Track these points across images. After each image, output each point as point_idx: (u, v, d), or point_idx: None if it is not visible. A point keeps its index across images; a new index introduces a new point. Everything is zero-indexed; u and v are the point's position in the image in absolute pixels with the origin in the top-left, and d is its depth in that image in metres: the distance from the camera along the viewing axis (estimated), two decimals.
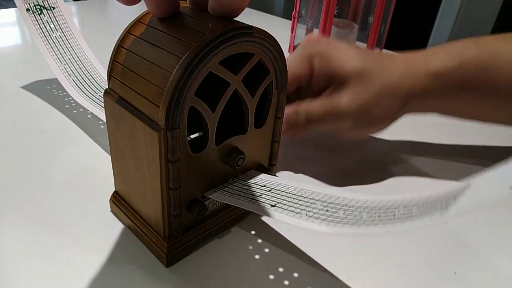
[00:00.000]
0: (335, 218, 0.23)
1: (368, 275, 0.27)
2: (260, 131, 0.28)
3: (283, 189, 0.26)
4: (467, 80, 0.34)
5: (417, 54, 0.36)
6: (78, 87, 0.44)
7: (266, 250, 0.28)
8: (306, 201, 0.25)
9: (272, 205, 0.24)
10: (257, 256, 0.28)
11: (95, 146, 0.39)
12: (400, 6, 0.59)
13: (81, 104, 0.42)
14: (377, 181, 0.37)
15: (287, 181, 0.27)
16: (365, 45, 0.54)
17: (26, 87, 0.49)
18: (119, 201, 0.30)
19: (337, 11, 0.50)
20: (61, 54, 0.45)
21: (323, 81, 0.35)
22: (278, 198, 0.25)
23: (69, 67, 0.45)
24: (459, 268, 0.28)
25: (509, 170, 0.18)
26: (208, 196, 0.26)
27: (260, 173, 0.29)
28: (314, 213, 0.23)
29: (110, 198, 0.30)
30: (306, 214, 0.23)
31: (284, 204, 0.24)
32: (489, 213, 0.34)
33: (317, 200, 0.25)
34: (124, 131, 0.25)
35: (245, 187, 0.27)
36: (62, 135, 0.40)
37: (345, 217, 0.23)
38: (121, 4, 0.22)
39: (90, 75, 0.46)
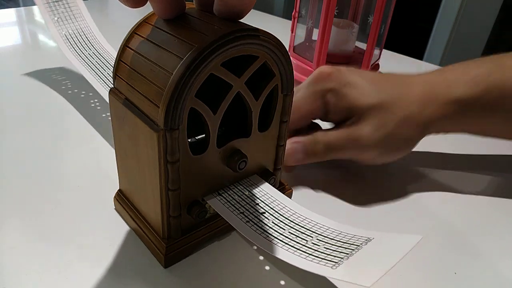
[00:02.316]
0: (263, 225, 0.24)
1: None
2: (264, 135, 0.28)
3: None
4: (490, 105, 0.33)
5: (437, 77, 0.35)
6: (70, 44, 0.45)
7: (265, 255, 0.28)
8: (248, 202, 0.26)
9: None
10: (255, 261, 0.28)
11: (104, 143, 0.39)
12: (400, 6, 0.59)
13: (89, 81, 0.43)
14: (377, 183, 0.37)
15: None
16: (365, 45, 0.54)
17: (26, 87, 0.50)
18: (122, 200, 0.30)
19: (337, 11, 0.50)
20: (57, 11, 0.47)
21: (339, 115, 0.34)
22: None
23: (64, 25, 0.46)
24: (459, 268, 0.28)
25: (400, 240, 0.21)
26: (207, 201, 0.26)
27: (263, 182, 0.28)
28: (258, 221, 0.25)
29: (114, 197, 0.31)
30: (244, 213, 0.25)
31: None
32: (489, 213, 0.34)
33: (267, 205, 0.26)
34: (127, 130, 0.25)
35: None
36: (68, 130, 0.41)
37: (272, 227, 0.24)
38: (126, 7, 0.22)
39: (86, 36, 0.47)
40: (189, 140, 0.29)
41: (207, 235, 0.28)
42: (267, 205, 0.26)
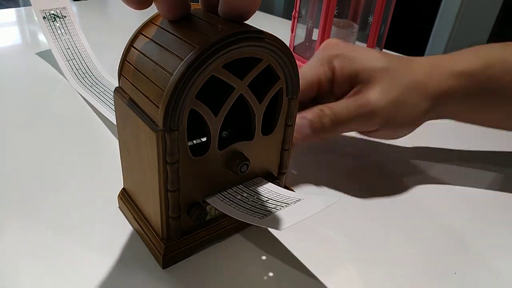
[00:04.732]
0: (237, 196, 0.27)
1: (369, 275, 0.27)
2: (268, 138, 0.27)
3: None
4: (492, 81, 0.34)
5: (442, 55, 0.35)
6: (79, 79, 0.51)
7: (265, 259, 0.28)
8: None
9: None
10: (256, 264, 0.28)
11: (111, 139, 0.39)
12: (400, 6, 0.58)
13: (83, 95, 0.47)
14: (377, 182, 0.37)
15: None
16: (365, 45, 0.54)
17: (26, 87, 0.49)
18: (126, 199, 0.30)
19: (337, 11, 0.50)
20: (68, 52, 0.54)
21: (346, 83, 0.34)
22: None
23: (73, 63, 0.53)
24: (459, 268, 0.28)
25: (320, 200, 0.25)
26: (207, 201, 0.26)
27: (266, 182, 0.28)
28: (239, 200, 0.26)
29: (118, 195, 0.31)
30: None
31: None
32: (489, 213, 0.34)
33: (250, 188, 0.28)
34: (129, 129, 0.25)
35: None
36: (71, 126, 0.41)
37: (244, 199, 0.26)
38: (130, 8, 0.22)
39: (90, 71, 0.52)
40: (193, 142, 0.29)
41: (207, 237, 0.28)
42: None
